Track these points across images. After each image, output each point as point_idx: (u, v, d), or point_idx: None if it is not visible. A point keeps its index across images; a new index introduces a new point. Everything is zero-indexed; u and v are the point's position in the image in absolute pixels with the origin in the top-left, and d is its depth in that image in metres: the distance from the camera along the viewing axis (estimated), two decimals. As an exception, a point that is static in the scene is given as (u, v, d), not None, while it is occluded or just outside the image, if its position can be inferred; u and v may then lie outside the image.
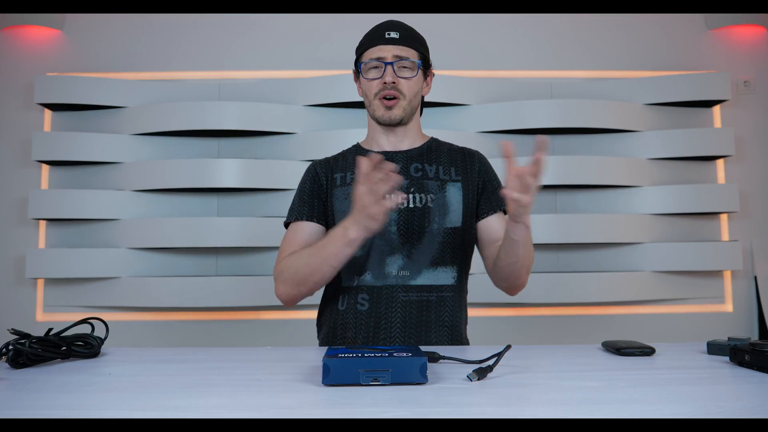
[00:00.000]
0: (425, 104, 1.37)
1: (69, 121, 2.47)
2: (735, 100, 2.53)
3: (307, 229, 1.23)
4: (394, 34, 1.22)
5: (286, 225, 1.28)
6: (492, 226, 1.24)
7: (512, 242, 1.07)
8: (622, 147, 2.47)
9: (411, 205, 1.21)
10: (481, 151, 1.33)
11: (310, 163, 1.34)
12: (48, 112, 2.48)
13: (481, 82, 2.48)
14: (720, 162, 2.51)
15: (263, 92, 2.47)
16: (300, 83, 2.45)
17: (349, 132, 2.32)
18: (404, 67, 1.22)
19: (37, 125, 2.47)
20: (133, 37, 2.53)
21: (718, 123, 2.52)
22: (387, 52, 1.21)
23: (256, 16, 2.54)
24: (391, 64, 1.20)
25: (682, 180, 2.48)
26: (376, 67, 1.22)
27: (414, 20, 2.52)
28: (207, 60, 2.52)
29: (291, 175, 2.37)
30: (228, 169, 2.34)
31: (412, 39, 1.25)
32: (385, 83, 1.20)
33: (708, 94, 2.44)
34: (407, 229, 1.20)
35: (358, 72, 1.27)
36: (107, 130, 2.44)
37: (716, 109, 2.53)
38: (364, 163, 0.99)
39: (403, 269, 1.18)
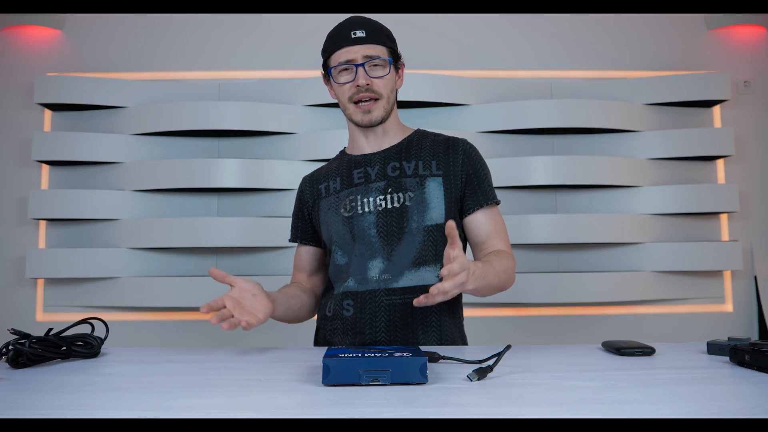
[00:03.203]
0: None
1: (69, 121, 2.47)
2: (735, 100, 2.53)
3: (299, 252, 1.34)
4: (360, 33, 1.17)
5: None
6: (478, 225, 1.20)
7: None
8: (622, 147, 2.47)
9: (389, 206, 1.17)
10: (481, 151, 1.29)
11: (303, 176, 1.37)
12: (48, 112, 2.48)
13: (481, 82, 2.48)
14: (720, 162, 2.51)
15: (263, 92, 2.47)
16: (300, 83, 2.45)
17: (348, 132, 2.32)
18: (376, 65, 1.17)
19: (37, 125, 2.47)
20: (133, 37, 2.53)
21: (718, 123, 2.52)
22: (356, 53, 1.16)
23: (256, 16, 2.54)
24: (362, 65, 1.16)
25: (682, 180, 2.48)
26: (346, 70, 1.18)
27: (414, 20, 2.54)
28: (207, 60, 2.53)
29: (291, 175, 2.37)
30: (228, 169, 2.34)
31: (379, 35, 1.19)
32: (358, 86, 1.17)
33: (708, 94, 2.44)
34: (386, 231, 1.16)
35: (328, 76, 1.23)
36: (107, 130, 2.44)
37: (716, 109, 2.53)
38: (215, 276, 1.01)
39: (385, 272, 1.15)
